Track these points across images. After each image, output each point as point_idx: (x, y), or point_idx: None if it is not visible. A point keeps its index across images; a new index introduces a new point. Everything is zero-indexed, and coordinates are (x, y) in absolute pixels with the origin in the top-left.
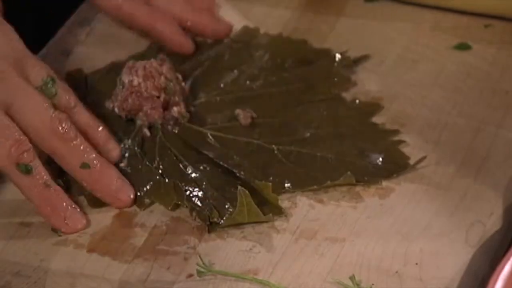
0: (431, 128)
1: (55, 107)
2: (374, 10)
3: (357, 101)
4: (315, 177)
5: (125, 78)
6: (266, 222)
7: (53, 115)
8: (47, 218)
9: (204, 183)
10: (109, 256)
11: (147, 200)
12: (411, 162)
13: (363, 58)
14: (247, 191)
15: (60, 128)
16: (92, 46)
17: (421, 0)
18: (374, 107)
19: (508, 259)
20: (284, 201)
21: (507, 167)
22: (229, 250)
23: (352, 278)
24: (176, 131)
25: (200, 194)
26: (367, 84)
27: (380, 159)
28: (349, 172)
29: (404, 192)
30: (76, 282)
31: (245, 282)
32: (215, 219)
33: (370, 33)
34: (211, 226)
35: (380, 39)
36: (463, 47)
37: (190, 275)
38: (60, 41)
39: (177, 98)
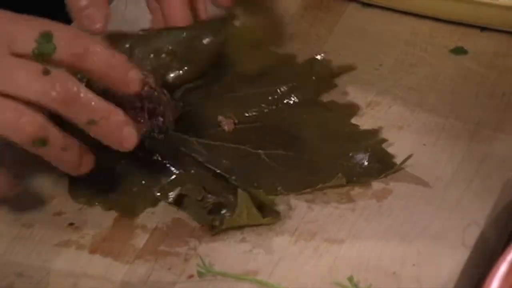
0: (429, 131)
1: (57, 63)
2: (372, 15)
3: (336, 102)
4: (307, 180)
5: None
6: (267, 224)
7: (45, 80)
8: (65, 171)
9: (205, 186)
10: (110, 257)
11: (173, 193)
12: (408, 163)
13: (347, 69)
14: (247, 194)
15: (55, 92)
16: None
17: (416, 10)
18: (352, 108)
19: (504, 259)
20: (282, 203)
21: (503, 170)
22: (229, 251)
23: (350, 279)
24: (161, 138)
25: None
26: (364, 87)
27: (366, 159)
28: (340, 174)
29: (401, 194)
30: (78, 283)
31: (245, 282)
32: (217, 222)
33: (368, 37)
34: (212, 229)
35: (378, 43)
36: (460, 51)
37: (191, 276)
38: None
39: (162, 108)
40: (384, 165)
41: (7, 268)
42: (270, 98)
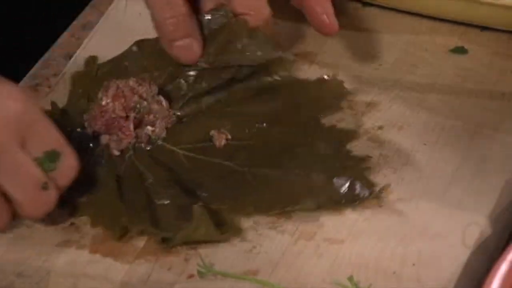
0: (429, 130)
1: (52, 178)
2: (373, 14)
3: (336, 127)
4: (279, 201)
5: (99, 96)
6: (224, 241)
7: (38, 195)
8: None
9: (168, 201)
10: (111, 257)
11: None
12: (408, 162)
13: (354, 90)
14: (203, 209)
15: (37, 211)
16: (95, 50)
17: (416, 9)
18: (351, 134)
19: (504, 259)
20: None
21: (504, 170)
22: (230, 251)
23: (350, 278)
24: (148, 149)
25: (158, 213)
26: (364, 87)
27: (346, 186)
28: (309, 199)
29: (402, 194)
30: (78, 283)
31: (245, 282)
32: (169, 237)
33: (369, 37)
34: (164, 243)
35: (378, 43)
36: (460, 51)
37: (191, 276)
38: (64, 45)
39: (152, 117)
40: (361, 194)
41: (7, 268)
42: (269, 116)
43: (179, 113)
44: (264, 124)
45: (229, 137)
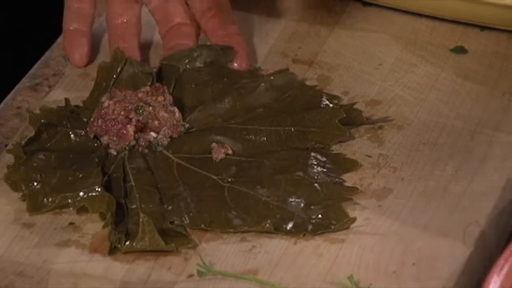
0: (429, 130)
1: None
2: (373, 14)
3: (340, 156)
4: (243, 219)
5: (102, 100)
6: (170, 251)
7: None
8: None
9: (142, 205)
10: (110, 256)
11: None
12: (408, 161)
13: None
14: (150, 220)
15: None
16: (95, 49)
17: (416, 9)
18: (352, 164)
19: (504, 259)
20: None
21: (504, 169)
22: (229, 250)
23: (350, 278)
24: (145, 152)
25: (123, 216)
26: (364, 87)
27: (320, 216)
28: (269, 221)
29: (402, 193)
30: (78, 282)
31: (245, 282)
32: (118, 245)
33: (369, 36)
34: (112, 250)
35: (378, 42)
36: (460, 50)
37: (191, 275)
38: None
39: (156, 123)
40: (330, 224)
41: (8, 267)
42: (275, 138)
43: (188, 125)
44: (271, 145)
45: (230, 152)
